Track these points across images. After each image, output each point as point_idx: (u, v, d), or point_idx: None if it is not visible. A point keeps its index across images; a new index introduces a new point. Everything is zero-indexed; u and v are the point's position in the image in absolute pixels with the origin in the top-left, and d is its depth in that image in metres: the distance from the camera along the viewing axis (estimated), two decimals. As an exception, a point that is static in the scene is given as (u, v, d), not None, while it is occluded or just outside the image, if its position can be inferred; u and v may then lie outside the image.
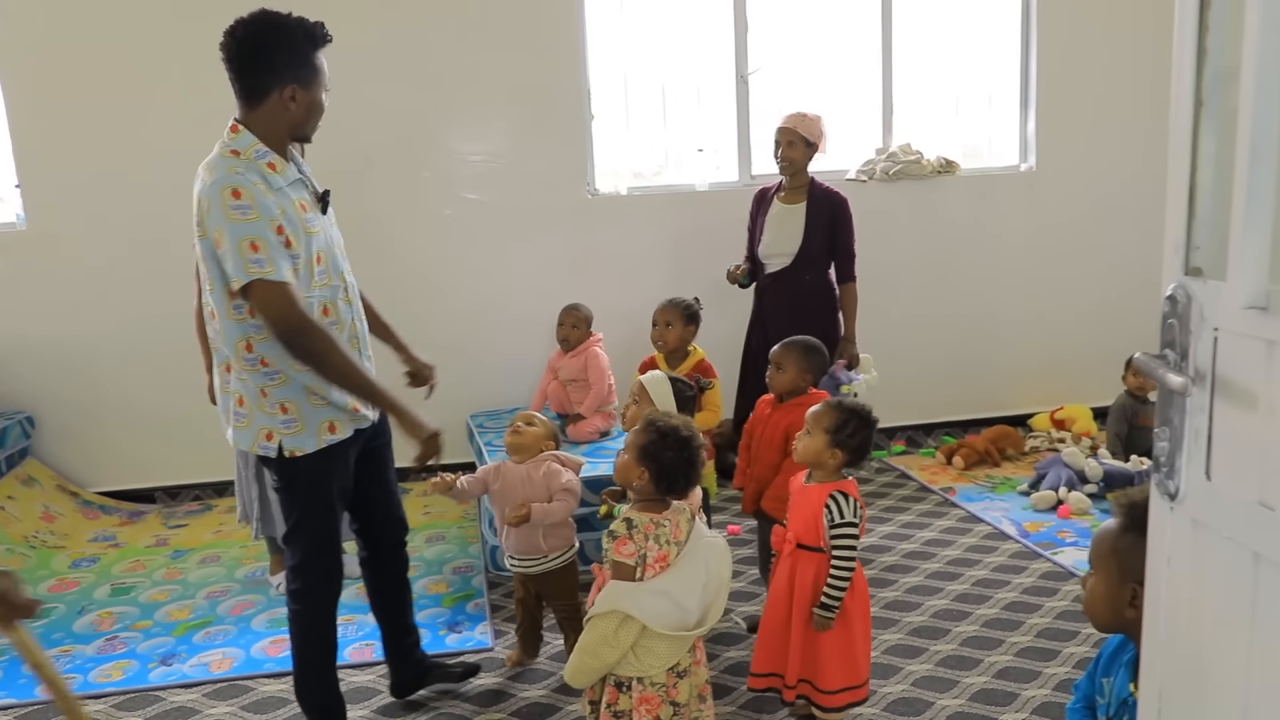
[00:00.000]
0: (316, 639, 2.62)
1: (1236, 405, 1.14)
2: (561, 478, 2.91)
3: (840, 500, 2.50)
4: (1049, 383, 5.29)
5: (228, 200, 2.22)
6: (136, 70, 4.50)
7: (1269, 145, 1.00)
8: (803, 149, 4.02)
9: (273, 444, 2.41)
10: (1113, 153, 5.10)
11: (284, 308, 2.25)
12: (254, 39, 2.31)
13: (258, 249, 2.22)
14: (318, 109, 2.42)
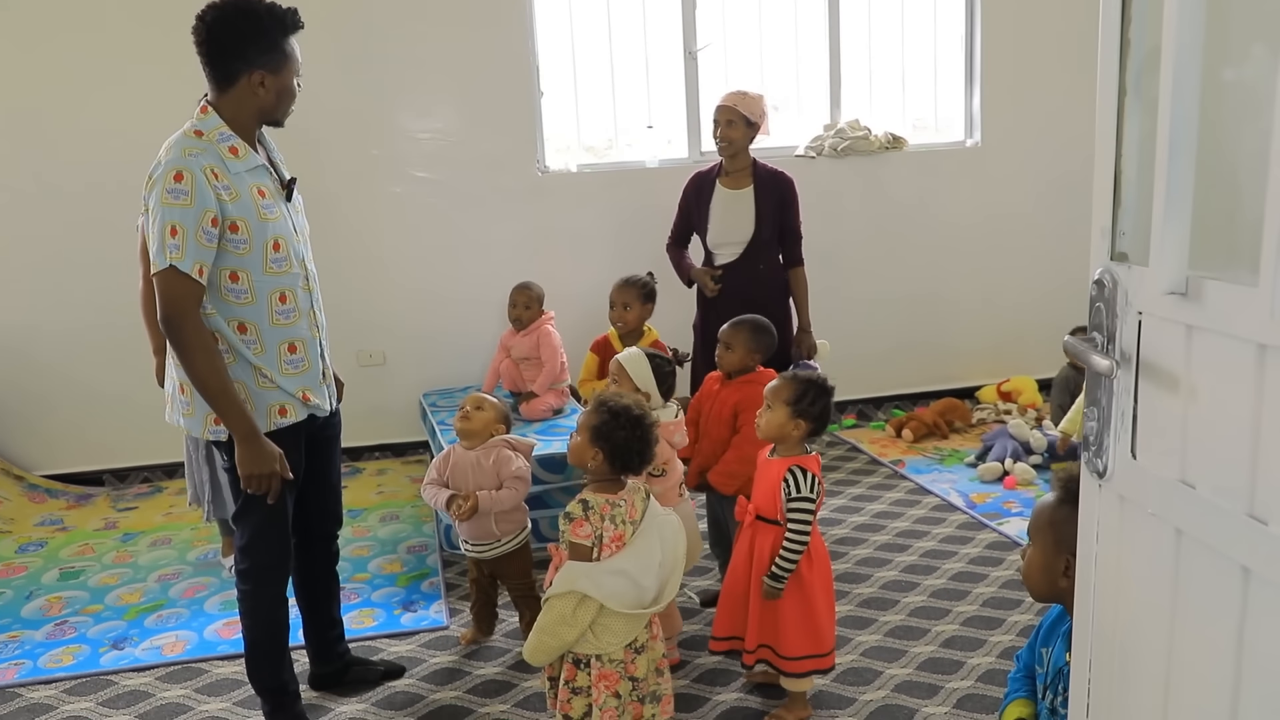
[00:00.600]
0: (266, 620, 2.61)
1: (1160, 387, 1.18)
2: (512, 465, 2.91)
3: (798, 474, 2.54)
4: (996, 356, 5.39)
5: (168, 183, 2.25)
6: (76, 50, 4.39)
7: (1187, 138, 1.03)
8: (743, 129, 3.78)
9: (222, 427, 2.39)
10: (1057, 128, 5.18)
11: (173, 297, 2.26)
12: (222, 24, 2.32)
13: (175, 234, 2.24)
14: (288, 94, 2.42)
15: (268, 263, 2.38)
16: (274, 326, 2.42)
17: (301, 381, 2.48)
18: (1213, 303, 1.06)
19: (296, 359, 2.48)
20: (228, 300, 2.35)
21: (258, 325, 2.39)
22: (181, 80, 4.15)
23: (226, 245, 2.31)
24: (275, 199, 2.44)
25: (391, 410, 4.84)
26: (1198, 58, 1.02)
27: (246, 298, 2.37)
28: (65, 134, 4.45)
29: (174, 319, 2.27)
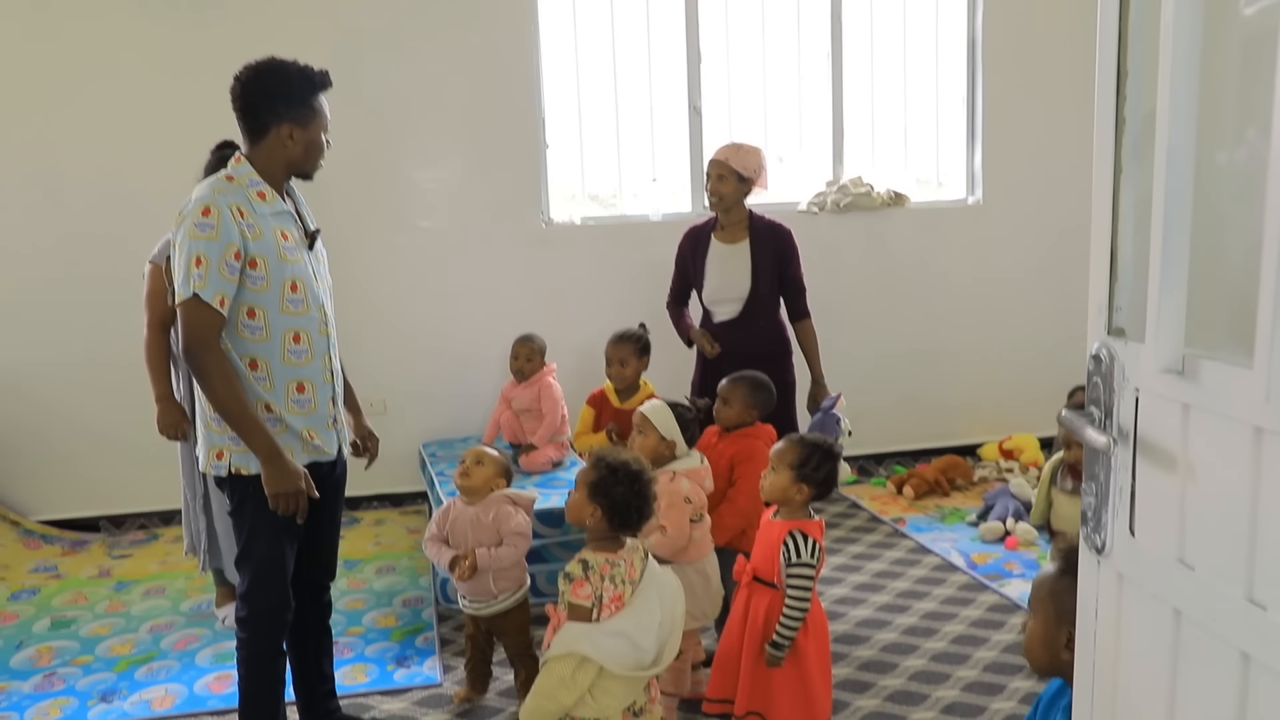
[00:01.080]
0: (261, 670, 2.59)
1: (1157, 465, 1.17)
2: (512, 521, 2.89)
3: (798, 539, 2.52)
4: (997, 413, 5.37)
5: (196, 217, 2.35)
6: (83, 89, 4.45)
7: (1182, 218, 1.03)
8: (734, 183, 3.64)
9: (223, 462, 2.44)
10: (1058, 188, 5.21)
11: (194, 326, 2.34)
12: (255, 81, 2.47)
13: (200, 264, 2.32)
14: (315, 147, 2.54)
15: (284, 301, 2.45)
16: (285, 365, 2.46)
17: (307, 421, 2.51)
18: (1209, 382, 1.05)
19: (304, 399, 2.51)
20: (242, 335, 2.42)
21: (269, 362, 2.44)
22: (187, 123, 4.21)
23: (245, 281, 2.39)
24: (298, 245, 2.53)
25: (390, 460, 4.77)
26: (1192, 139, 1.02)
27: (261, 334, 2.43)
28: (69, 175, 4.50)
29: (195, 347, 2.35)
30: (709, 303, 3.77)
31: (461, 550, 2.88)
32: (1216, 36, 1.00)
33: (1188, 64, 1.00)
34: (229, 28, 4.49)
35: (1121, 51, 1.16)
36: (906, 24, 5.20)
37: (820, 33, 5.11)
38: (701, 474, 2.94)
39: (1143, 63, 1.15)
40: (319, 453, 2.56)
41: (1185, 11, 1.00)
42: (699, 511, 2.87)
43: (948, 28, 5.24)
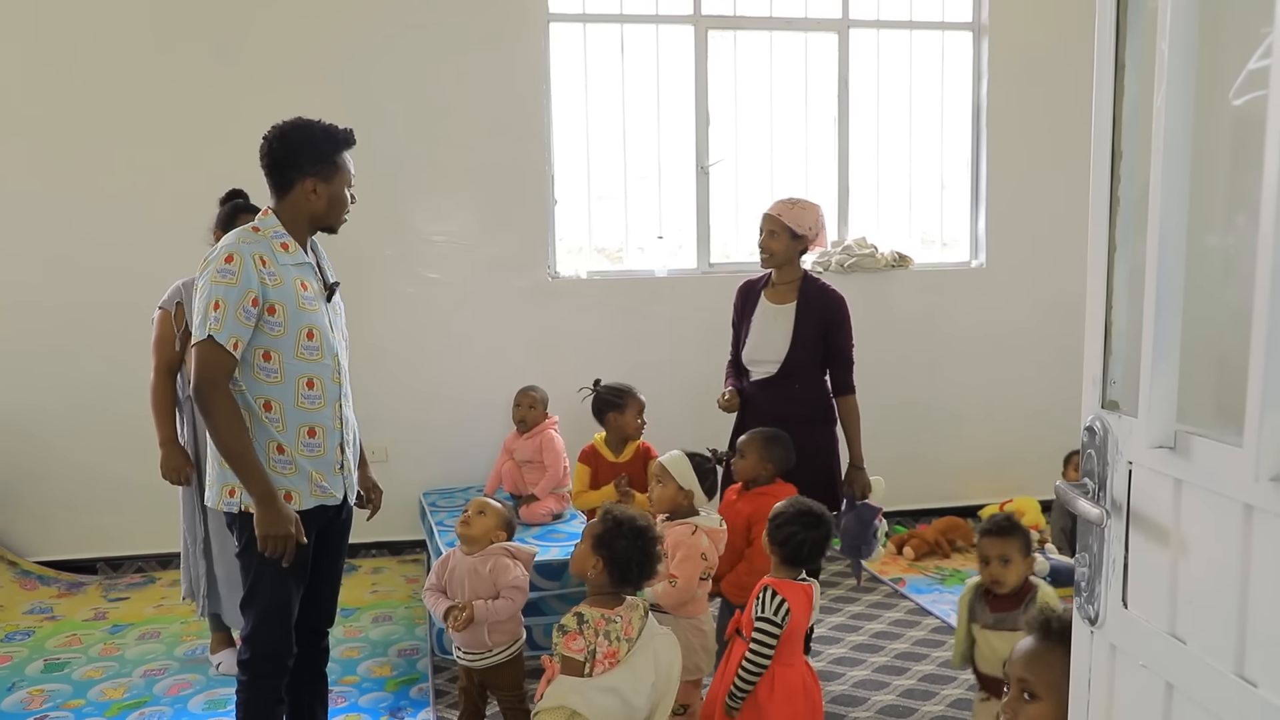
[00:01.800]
0: (259, 712, 2.60)
1: (1150, 538, 1.18)
2: (509, 574, 2.89)
3: (766, 596, 2.55)
4: (999, 475, 5.36)
5: (220, 264, 2.44)
6: (79, 137, 4.53)
7: (1173, 297, 1.06)
8: (786, 240, 3.44)
9: (235, 500, 2.50)
10: (1060, 252, 5.26)
11: (206, 366, 2.42)
12: (281, 139, 2.57)
13: (218, 308, 2.41)
14: (338, 202, 2.62)
15: (299, 348, 2.53)
16: (297, 408, 2.52)
17: (315, 464, 2.56)
18: (1201, 459, 1.07)
19: (314, 443, 2.56)
20: (258, 378, 2.49)
21: (282, 405, 2.51)
22: (196, 173, 4.29)
23: (263, 326, 2.47)
24: (317, 296, 2.61)
25: (390, 508, 4.71)
26: (1184, 223, 1.05)
27: (276, 377, 2.50)
28: (74, 216, 4.56)
29: (204, 387, 2.42)
30: (747, 361, 3.56)
31: (458, 600, 2.88)
32: (1207, 125, 1.04)
33: (1179, 150, 1.03)
34: (240, 87, 4.59)
35: (1116, 134, 1.20)
36: (912, 89, 5.30)
37: (827, 96, 5.20)
38: (719, 535, 2.95)
39: (1137, 145, 1.18)
40: (326, 495, 2.60)
41: (1177, 99, 1.04)
42: (709, 570, 2.88)
43: (953, 95, 5.34)
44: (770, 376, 3.50)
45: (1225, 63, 1.00)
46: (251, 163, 4.58)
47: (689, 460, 3.00)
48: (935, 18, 5.29)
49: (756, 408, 3.51)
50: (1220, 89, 1.00)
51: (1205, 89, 1.02)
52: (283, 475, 2.49)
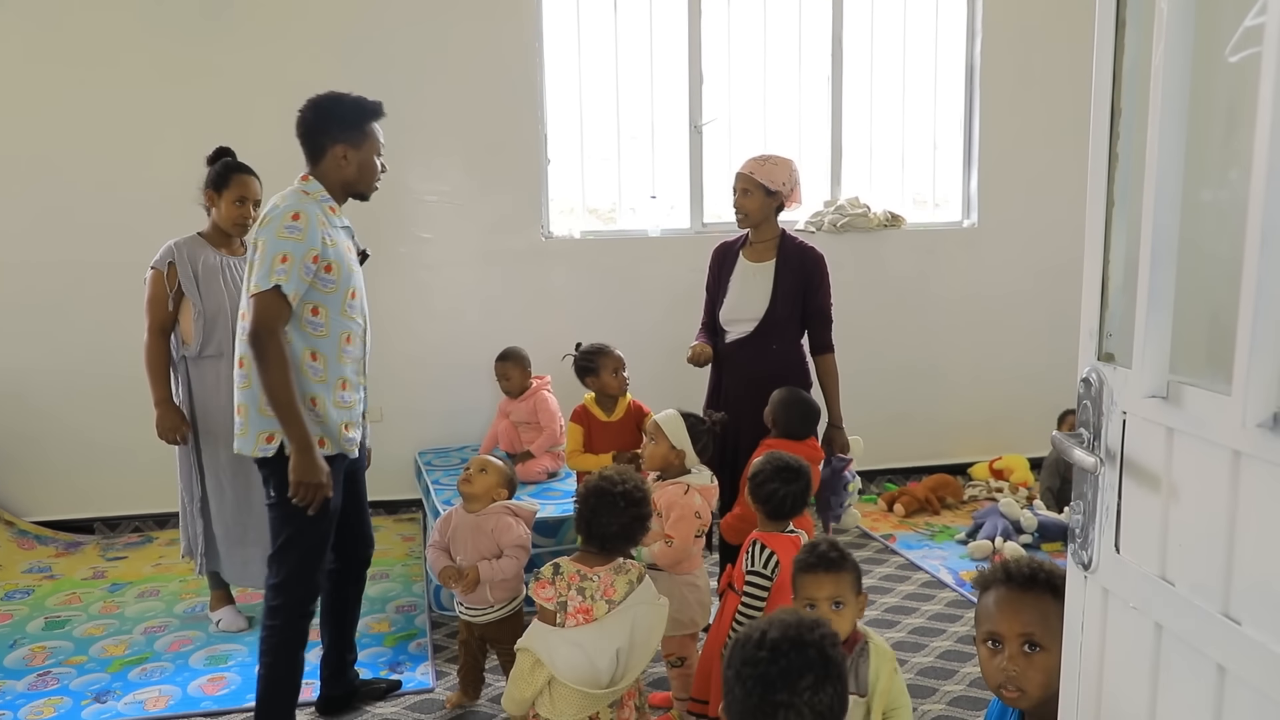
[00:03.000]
0: (287, 659, 2.72)
1: (1142, 485, 1.22)
2: (512, 532, 2.93)
3: (756, 550, 2.60)
4: (989, 433, 5.43)
5: (286, 220, 2.58)
6: (81, 96, 4.50)
7: (1168, 252, 1.09)
8: (760, 198, 3.42)
9: (272, 445, 2.63)
10: (1052, 213, 5.29)
11: (266, 315, 2.55)
12: (312, 110, 2.73)
13: (285, 261, 2.55)
14: (368, 168, 2.77)
15: (344, 306, 2.69)
16: (338, 362, 2.69)
17: (346, 415, 2.72)
18: (1191, 408, 1.11)
19: (346, 395, 2.73)
20: (306, 330, 2.63)
21: (327, 357, 2.67)
22: (187, 133, 4.27)
23: (318, 283, 2.62)
24: (353, 258, 2.79)
25: (386, 467, 4.84)
26: (1179, 178, 1.08)
27: (323, 331, 2.66)
28: (69, 184, 4.54)
29: (262, 334, 2.54)
30: (725, 320, 3.54)
31: (460, 559, 2.93)
32: (1204, 82, 1.06)
33: (1176, 107, 1.06)
34: (232, 42, 4.56)
35: (1116, 90, 1.21)
36: (906, 49, 5.29)
37: (821, 55, 5.19)
38: (710, 493, 3.00)
39: (1136, 102, 1.20)
40: (349, 446, 2.75)
41: (1174, 56, 1.06)
42: (703, 528, 2.92)
43: (947, 54, 5.33)
44: (747, 335, 3.49)
45: (1222, 20, 1.02)
46: (239, 120, 4.60)
47: (683, 419, 3.03)
48: (929, -24, 5.27)
49: (732, 367, 3.52)
50: (1217, 46, 1.02)
51: (1203, 46, 1.04)
52: (316, 424, 2.63)
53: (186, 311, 3.43)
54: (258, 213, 3.51)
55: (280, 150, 4.48)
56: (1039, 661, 1.65)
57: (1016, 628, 1.67)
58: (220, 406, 3.47)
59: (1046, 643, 1.63)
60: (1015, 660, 1.66)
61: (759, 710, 1.55)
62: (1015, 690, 1.66)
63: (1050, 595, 1.67)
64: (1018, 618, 1.67)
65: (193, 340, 3.43)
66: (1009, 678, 1.66)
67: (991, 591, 1.74)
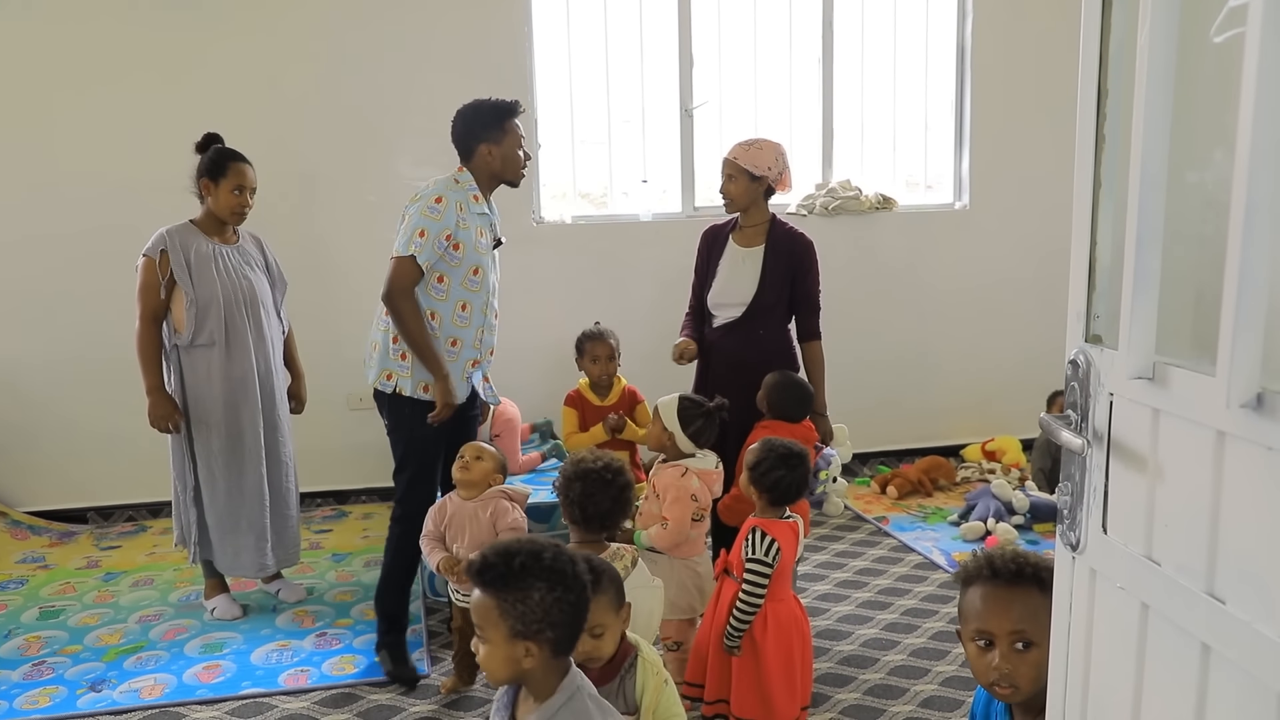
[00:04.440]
0: (405, 554, 3.23)
1: (1129, 466, 1.23)
2: (509, 516, 2.95)
3: (756, 537, 2.59)
4: (981, 414, 5.44)
5: (430, 201, 3.11)
6: (72, 92, 4.47)
7: (1154, 233, 1.09)
8: (745, 183, 3.41)
9: (391, 383, 3.18)
10: (1044, 194, 5.28)
11: (401, 276, 3.09)
12: (459, 118, 3.23)
13: (423, 235, 3.07)
14: (511, 159, 3.23)
15: (465, 280, 3.18)
16: (451, 324, 3.18)
17: (450, 369, 3.16)
18: (1177, 389, 1.11)
19: (454, 351, 3.21)
20: (430, 294, 3.15)
21: (443, 317, 3.17)
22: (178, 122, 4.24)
23: (446, 257, 3.12)
24: (488, 244, 3.27)
25: (380, 453, 4.79)
26: (1165, 159, 1.08)
27: (442, 296, 3.16)
28: (61, 171, 4.51)
29: (396, 294, 3.09)
30: (713, 305, 3.55)
31: (459, 546, 2.94)
32: (1189, 63, 1.06)
33: (1161, 88, 1.06)
34: (221, 31, 4.53)
35: (1102, 72, 1.21)
36: (897, 30, 5.27)
37: (811, 37, 5.17)
38: (713, 477, 3.00)
39: (1122, 83, 1.20)
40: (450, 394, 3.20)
41: (1160, 37, 1.05)
42: (701, 511, 2.92)
43: (937, 36, 5.31)
44: (734, 320, 3.49)
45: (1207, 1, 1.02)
46: (227, 107, 4.58)
47: (678, 404, 3.03)
48: (920, -43, 5.24)
49: (719, 354, 3.51)
50: (1202, 26, 1.02)
51: (1188, 26, 1.04)
52: (423, 373, 3.13)
53: (178, 300, 3.42)
54: (253, 200, 3.51)
55: (268, 138, 4.50)
56: (1031, 658, 1.62)
57: (1007, 625, 1.64)
58: (213, 395, 3.47)
59: (1038, 638, 1.60)
60: (1008, 658, 1.63)
61: None
62: (1009, 687, 1.64)
63: (1038, 589, 1.64)
64: (1008, 615, 1.64)
65: (185, 329, 3.42)
66: (1002, 675, 1.64)
67: (977, 587, 1.70)
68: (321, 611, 3.72)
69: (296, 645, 3.44)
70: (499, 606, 1.63)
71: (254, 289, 3.53)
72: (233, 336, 3.47)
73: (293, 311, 3.83)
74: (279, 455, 3.65)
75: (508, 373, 4.13)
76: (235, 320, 3.47)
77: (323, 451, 4.70)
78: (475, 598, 1.67)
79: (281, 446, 3.66)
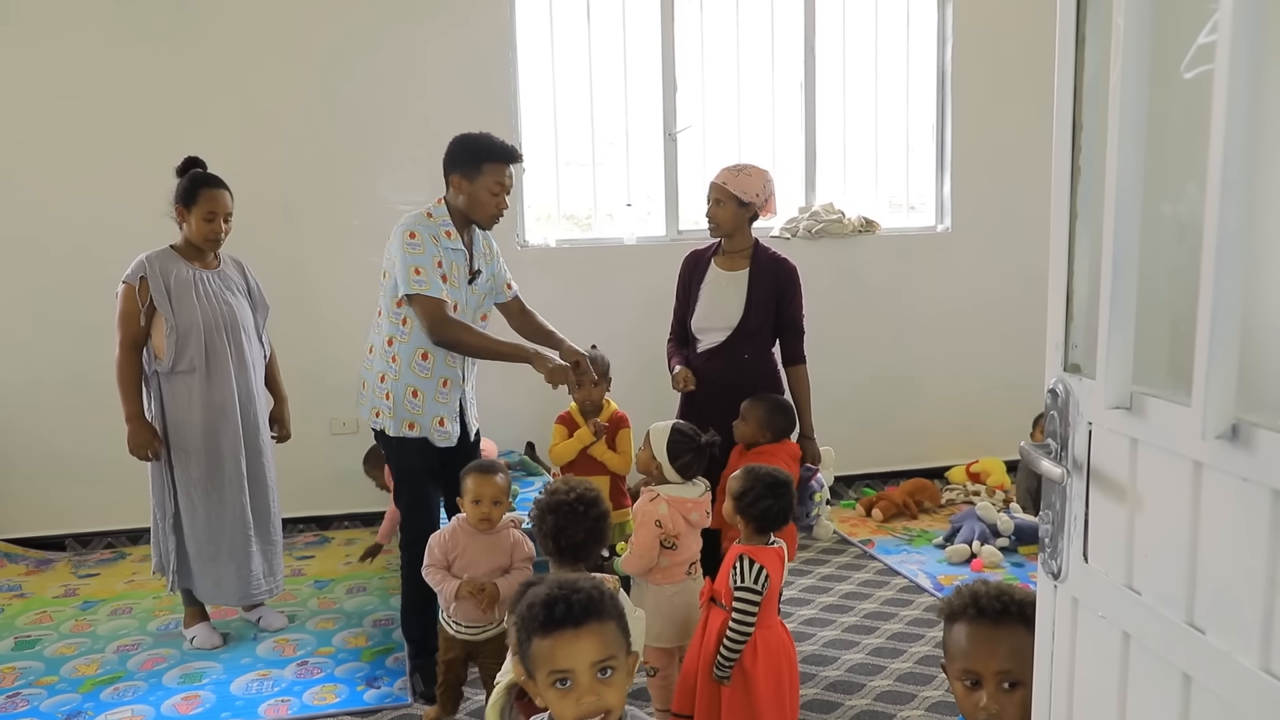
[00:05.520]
0: (417, 580, 3.05)
1: (1108, 495, 1.23)
2: (525, 548, 2.94)
3: (744, 565, 2.57)
4: (965, 436, 5.46)
5: (405, 239, 3.09)
6: (53, 115, 4.46)
7: (1129, 264, 1.10)
8: (733, 209, 3.41)
9: (379, 420, 3.20)
10: (1025, 218, 5.33)
11: (433, 315, 3.06)
12: (451, 145, 3.21)
13: (419, 272, 3.05)
14: (480, 202, 3.16)
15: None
16: (443, 364, 3.17)
17: (441, 410, 3.20)
18: (1154, 419, 1.11)
19: (446, 392, 3.21)
20: (421, 334, 3.11)
21: (435, 358, 3.16)
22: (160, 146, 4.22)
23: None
24: (461, 278, 3.20)
25: (362, 479, 4.83)
26: (1139, 191, 1.09)
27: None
28: (41, 196, 4.49)
29: (436, 329, 3.07)
30: (696, 329, 3.54)
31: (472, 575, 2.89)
32: (1161, 98, 1.07)
33: (1134, 122, 1.07)
34: (202, 54, 4.54)
35: (1076, 106, 1.23)
36: (878, 54, 5.32)
37: (793, 62, 5.21)
38: (688, 505, 2.92)
39: (1097, 117, 1.21)
40: (438, 437, 3.21)
41: (1132, 72, 1.07)
42: (670, 539, 2.88)
43: (918, 60, 5.36)
44: (718, 345, 3.49)
45: (1177, 37, 1.03)
46: (210, 133, 4.57)
47: (668, 433, 3.02)
48: (900, -17, 5.30)
49: (704, 379, 3.49)
50: (1173, 63, 1.03)
51: (1159, 62, 1.06)
52: (410, 412, 3.15)
53: (158, 326, 3.40)
54: (229, 226, 3.49)
55: (249, 160, 4.49)
56: (1018, 697, 1.61)
57: (994, 666, 1.63)
58: (192, 422, 3.44)
59: (1025, 678, 1.58)
60: (995, 698, 1.62)
61: None
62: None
63: (1024, 627, 1.61)
64: (994, 656, 1.63)
65: (165, 355, 3.40)
66: (990, 715, 1.62)
67: (962, 625, 1.68)
68: (303, 640, 3.69)
69: (277, 674, 3.40)
70: (619, 625, 1.65)
71: (235, 314, 3.51)
72: (213, 362, 3.45)
73: (275, 336, 3.82)
74: (263, 479, 3.62)
75: (494, 396, 4.11)
76: (216, 346, 3.45)
77: (305, 477, 4.67)
78: (594, 630, 1.61)
79: (265, 471, 3.63)
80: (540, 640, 1.60)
